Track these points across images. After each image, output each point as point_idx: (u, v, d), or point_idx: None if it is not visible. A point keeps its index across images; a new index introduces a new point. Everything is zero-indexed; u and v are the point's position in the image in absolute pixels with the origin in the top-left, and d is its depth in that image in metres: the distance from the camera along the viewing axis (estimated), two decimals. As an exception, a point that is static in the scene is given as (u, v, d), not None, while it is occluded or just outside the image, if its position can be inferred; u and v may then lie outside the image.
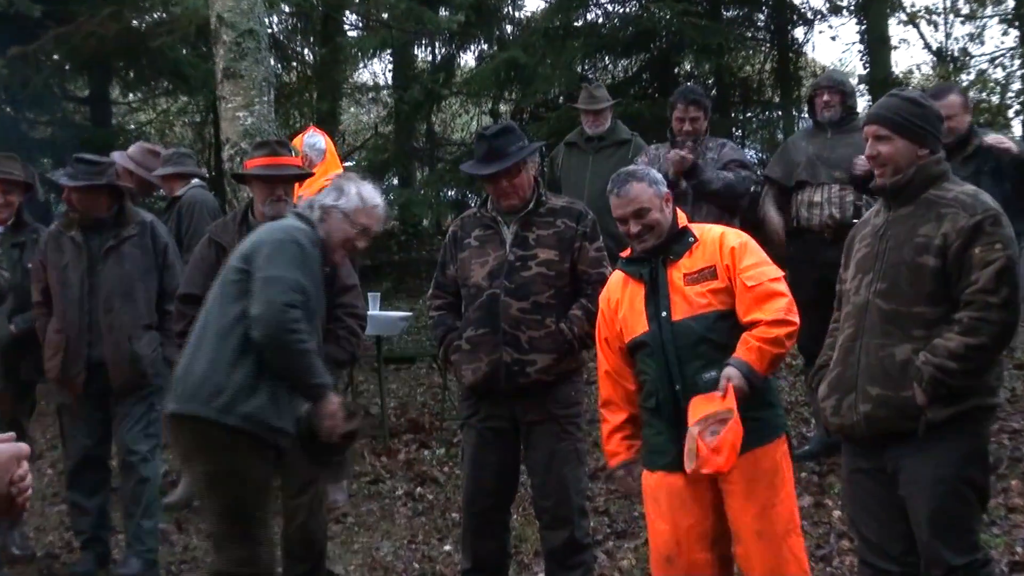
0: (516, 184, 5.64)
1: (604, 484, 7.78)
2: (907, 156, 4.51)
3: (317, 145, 8.08)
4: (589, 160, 9.24)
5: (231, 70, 8.46)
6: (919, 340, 4.35)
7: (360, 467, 8.62)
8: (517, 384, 5.56)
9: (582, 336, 5.58)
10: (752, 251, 4.87)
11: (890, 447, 4.44)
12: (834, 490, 7.15)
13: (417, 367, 12.56)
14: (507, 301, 5.57)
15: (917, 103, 4.57)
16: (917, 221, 4.44)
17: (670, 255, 4.93)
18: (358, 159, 19.57)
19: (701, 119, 7.76)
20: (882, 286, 4.46)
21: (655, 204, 4.97)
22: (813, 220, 7.59)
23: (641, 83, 17.35)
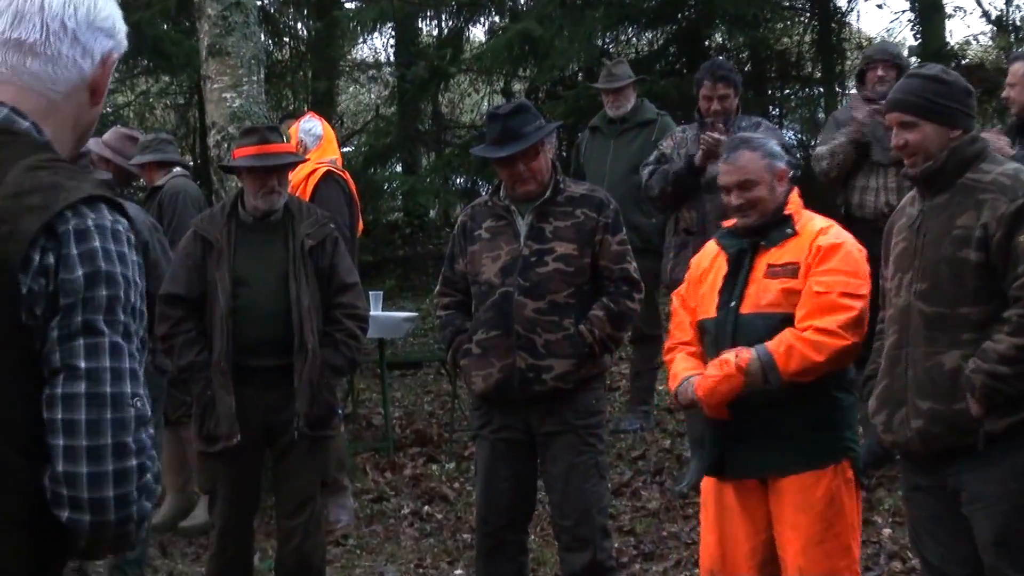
0: (534, 168, 5.63)
1: (629, 501, 7.78)
2: (938, 140, 4.46)
3: (313, 131, 8.09)
4: (610, 145, 9.25)
5: (217, 47, 8.46)
6: (968, 345, 4.30)
7: (362, 484, 8.63)
8: (532, 392, 5.56)
9: (603, 339, 5.58)
10: (841, 257, 4.82)
11: (949, 463, 4.41)
12: (883, 506, 7.14)
13: (424, 373, 12.55)
14: (521, 300, 5.57)
15: (940, 80, 4.52)
16: (954, 210, 4.39)
17: (763, 241, 4.94)
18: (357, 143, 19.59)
19: (731, 97, 7.73)
20: (922, 286, 4.42)
21: (764, 179, 4.96)
22: (867, 207, 7.56)
23: (668, 58, 17.30)
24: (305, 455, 5.98)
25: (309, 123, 8.13)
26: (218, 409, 5.88)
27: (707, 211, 7.54)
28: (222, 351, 5.88)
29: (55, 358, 2.25)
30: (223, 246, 5.99)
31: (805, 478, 4.77)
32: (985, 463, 4.31)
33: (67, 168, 2.36)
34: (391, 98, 20.42)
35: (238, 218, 6.10)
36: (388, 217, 19.29)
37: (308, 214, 6.16)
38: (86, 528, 2.27)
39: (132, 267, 2.35)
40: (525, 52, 16.22)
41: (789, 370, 4.68)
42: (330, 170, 7.78)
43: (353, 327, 6.07)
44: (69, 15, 2.43)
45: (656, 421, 9.47)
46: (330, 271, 6.03)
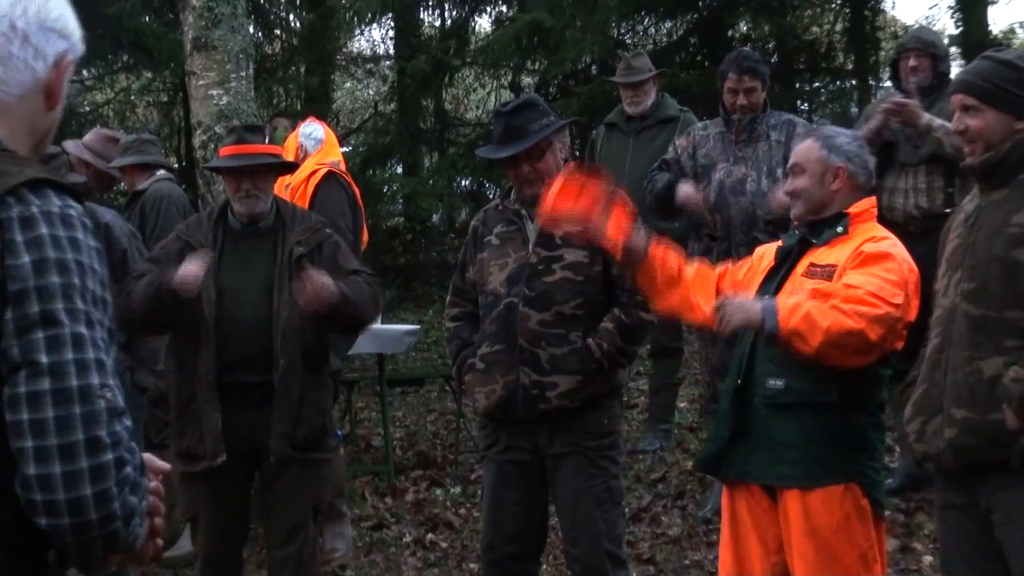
0: (540, 169, 5.63)
1: (648, 527, 7.78)
2: (1001, 130, 4.42)
3: (314, 135, 8.11)
4: (630, 143, 9.26)
5: (202, 40, 8.49)
6: (1013, 352, 4.26)
7: (361, 510, 8.64)
8: (537, 411, 5.56)
9: (613, 354, 5.58)
10: (883, 265, 4.78)
11: (982, 480, 4.37)
12: (924, 531, 7.13)
13: (427, 390, 12.56)
14: (525, 312, 5.58)
15: (1013, 66, 4.48)
16: (1012, 207, 4.36)
17: (813, 238, 4.98)
18: (355, 143, 19.62)
19: (758, 90, 7.71)
20: (969, 286, 4.39)
21: (814, 170, 4.99)
22: (896, 210, 7.56)
23: (689, 49, 17.34)
24: (295, 479, 5.95)
25: (310, 127, 8.16)
26: (203, 426, 5.88)
27: (732, 215, 7.54)
28: (208, 365, 5.89)
29: (14, 353, 2.27)
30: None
31: (810, 499, 4.78)
32: (1020, 481, 4.27)
33: (13, 156, 2.39)
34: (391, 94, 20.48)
35: (226, 224, 6.11)
36: (388, 222, 19.32)
37: (301, 220, 6.16)
38: (67, 532, 2.28)
39: (87, 252, 2.37)
40: (534, 44, 16.27)
41: (789, 325, 4.65)
42: (331, 171, 7.80)
43: (366, 278, 6.08)
44: (19, 15, 2.46)
45: (677, 441, 9.47)
46: (332, 271, 6.00)
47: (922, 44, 7.88)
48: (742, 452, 4.92)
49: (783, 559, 4.90)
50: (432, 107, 20.19)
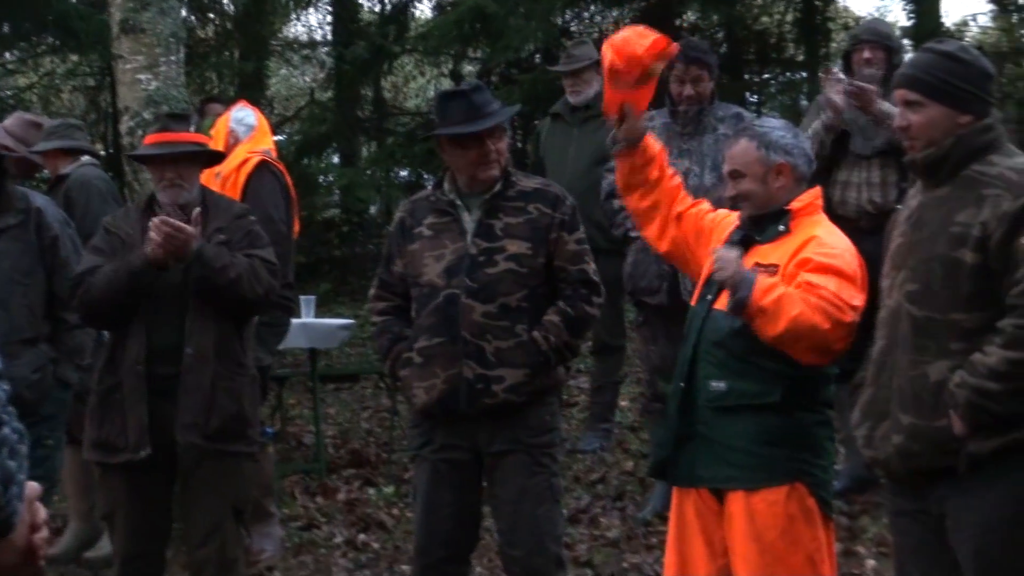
0: (500, 150, 5.69)
1: (587, 529, 7.80)
2: (944, 125, 4.43)
3: (245, 120, 8.05)
4: (573, 134, 9.27)
5: (131, 23, 8.43)
6: (957, 355, 4.28)
7: (290, 510, 8.62)
8: (481, 405, 5.57)
9: (560, 347, 5.60)
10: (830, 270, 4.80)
11: (933, 486, 4.40)
12: (867, 535, 7.19)
13: (361, 387, 12.54)
14: (469, 304, 5.58)
15: (955, 58, 4.49)
16: (954, 205, 4.36)
17: (758, 236, 5.01)
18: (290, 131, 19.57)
19: (705, 80, 7.72)
20: (913, 287, 4.40)
21: (755, 171, 5.01)
22: (848, 204, 7.62)
23: (636, 38, 17.37)
24: (212, 475, 5.91)
25: (241, 112, 8.10)
26: (128, 417, 5.86)
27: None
28: (138, 354, 5.87)
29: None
30: (135, 243, 5.97)
31: (754, 500, 4.82)
32: (969, 488, 4.30)
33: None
34: (327, 81, 20.44)
35: (154, 214, 6.09)
36: (323, 213, 19.30)
37: (226, 208, 6.15)
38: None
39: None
40: (476, 31, 16.27)
41: (760, 302, 4.67)
42: (264, 160, 7.77)
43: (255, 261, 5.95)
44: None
45: (617, 441, 9.51)
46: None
47: (877, 36, 7.94)
48: (689, 456, 4.96)
49: (728, 562, 4.93)
50: (370, 95, 20.17)
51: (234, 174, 7.63)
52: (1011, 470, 4.28)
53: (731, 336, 4.87)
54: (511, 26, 15.37)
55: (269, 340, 7.42)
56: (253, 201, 7.21)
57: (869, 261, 5.09)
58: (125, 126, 8.49)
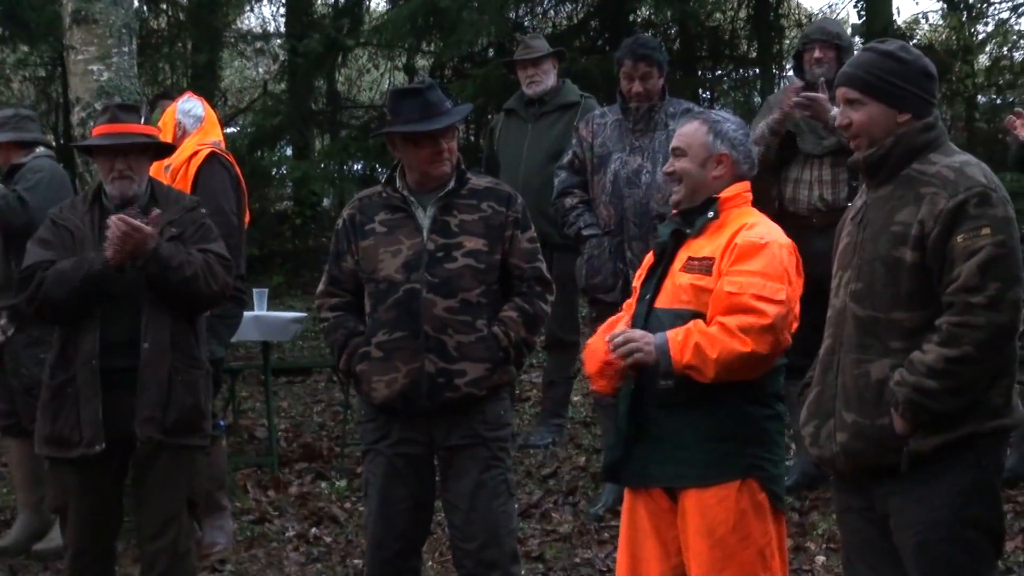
0: (452, 148, 5.72)
1: (538, 524, 7.80)
2: (884, 124, 4.45)
3: (193, 111, 8.00)
4: (528, 129, 9.25)
5: (82, 13, 8.38)
6: (898, 354, 4.30)
7: (242, 503, 8.59)
8: (442, 399, 5.57)
9: (518, 343, 5.63)
10: (760, 258, 4.83)
11: (877, 484, 4.42)
12: (817, 531, 7.21)
13: (314, 380, 12.52)
14: (430, 298, 5.58)
15: (895, 57, 4.50)
16: (895, 204, 4.39)
17: (687, 229, 5.01)
18: (243, 124, 19.50)
19: (654, 77, 7.72)
20: (857, 286, 4.42)
21: (697, 153, 5.02)
22: (799, 201, 7.63)
23: (589, 33, 17.43)
24: (168, 468, 5.89)
25: (189, 103, 8.04)
26: (81, 412, 5.82)
27: (625, 208, 7.57)
28: (90, 349, 5.83)
29: None
30: (85, 235, 5.94)
31: (705, 496, 4.83)
32: (911, 486, 4.32)
33: None
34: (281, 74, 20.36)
35: (103, 207, 6.05)
36: (276, 206, 19.25)
37: (175, 200, 6.11)
38: None
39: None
40: (430, 24, 16.27)
41: (681, 360, 4.73)
42: (214, 152, 7.73)
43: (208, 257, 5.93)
44: None
45: (570, 436, 9.51)
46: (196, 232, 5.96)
47: (827, 35, 7.96)
48: (641, 456, 4.96)
49: (682, 561, 4.93)
50: (324, 88, 20.12)
51: (184, 166, 7.58)
52: (951, 468, 4.30)
53: None
54: (464, 20, 15.37)
55: (222, 332, 7.40)
56: (204, 193, 7.17)
57: (821, 259, 5.10)
58: (76, 117, 8.45)
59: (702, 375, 4.75)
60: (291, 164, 17.73)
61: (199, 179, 7.53)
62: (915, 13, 27.99)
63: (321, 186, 17.35)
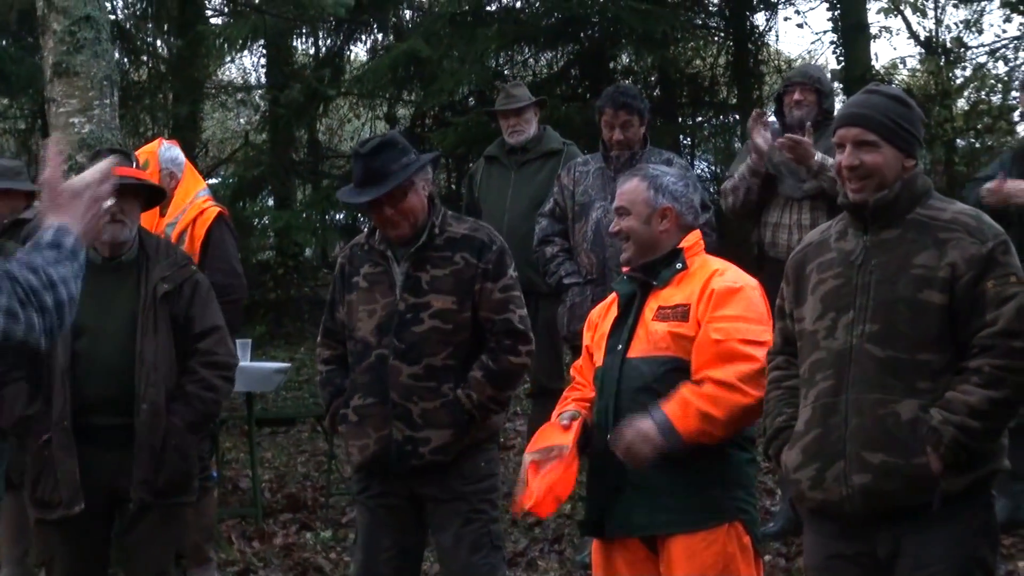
0: (403, 210, 5.63)
1: (525, 572, 7.78)
2: (895, 168, 4.51)
3: (178, 159, 8.00)
4: (511, 177, 9.25)
5: (64, 66, 8.39)
6: (925, 394, 4.33)
7: (227, 554, 8.55)
8: (409, 466, 5.58)
9: (484, 403, 5.60)
10: (738, 301, 4.90)
11: (886, 526, 4.41)
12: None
13: (298, 430, 12.49)
14: (397, 365, 5.58)
15: (904, 102, 4.59)
16: (909, 247, 4.43)
17: (653, 280, 5.02)
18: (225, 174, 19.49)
19: (635, 126, 7.76)
20: (873, 328, 4.42)
21: (640, 211, 5.08)
22: (779, 245, 7.65)
23: (569, 81, 17.46)
24: (156, 524, 5.89)
25: (171, 151, 8.02)
26: (58, 473, 5.79)
27: (607, 257, 7.58)
28: (63, 409, 5.80)
29: None
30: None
31: (694, 542, 4.83)
32: (934, 525, 4.33)
33: None
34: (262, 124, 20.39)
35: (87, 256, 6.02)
36: (258, 256, 19.21)
37: (166, 254, 6.09)
38: None
39: None
40: (411, 74, 16.31)
41: (689, 430, 4.75)
42: (221, 213, 7.73)
43: (211, 377, 5.98)
44: None
45: (556, 483, 9.47)
46: (187, 319, 5.96)
47: (808, 79, 8.00)
48: (624, 507, 4.95)
49: None
50: (305, 138, 20.14)
51: (190, 225, 7.57)
52: (970, 507, 4.37)
53: (657, 379, 4.90)
54: (445, 69, 15.40)
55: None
56: (219, 256, 7.24)
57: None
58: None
59: (712, 437, 4.80)
60: (273, 214, 17.70)
61: (211, 240, 7.53)
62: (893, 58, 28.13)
63: (303, 236, 17.33)
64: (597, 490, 5.03)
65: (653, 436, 4.76)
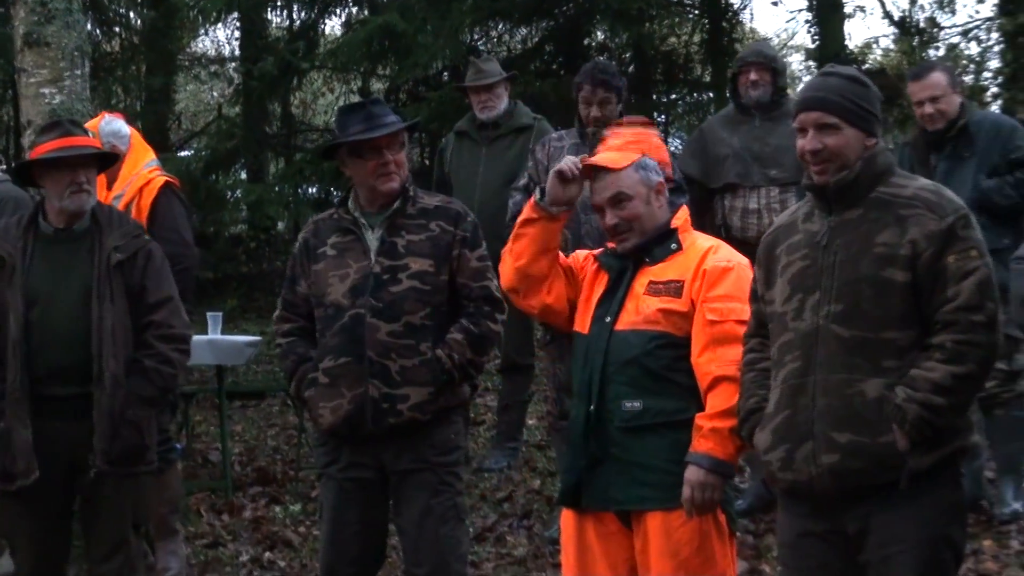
0: (399, 161, 5.70)
1: (493, 547, 7.79)
2: (856, 148, 4.50)
3: (121, 131, 7.90)
4: (482, 152, 9.24)
5: (34, 36, 8.34)
6: (891, 372, 4.34)
7: (196, 527, 8.55)
8: (387, 425, 5.55)
9: (463, 365, 5.61)
10: (732, 281, 4.90)
11: (855, 504, 4.41)
12: (771, 554, 7.21)
13: (268, 404, 12.48)
14: (374, 323, 5.57)
15: (861, 82, 4.59)
16: (871, 226, 4.43)
17: (646, 258, 5.01)
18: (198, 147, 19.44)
19: (612, 103, 7.73)
20: (837, 308, 4.42)
21: (639, 193, 5.01)
22: (749, 231, 7.66)
23: (544, 57, 17.42)
24: (113, 494, 5.90)
25: (115, 124, 7.89)
26: (14, 443, 5.79)
27: (582, 234, 7.56)
28: (16, 379, 5.79)
29: None
30: (16, 262, 5.88)
31: (670, 518, 4.82)
32: (902, 502, 4.34)
33: None
34: (236, 97, 20.32)
35: (38, 230, 6.00)
36: (231, 230, 19.17)
37: (119, 224, 6.07)
38: None
39: None
40: (385, 48, 16.24)
41: (731, 450, 4.77)
42: (168, 181, 7.68)
43: (167, 351, 5.97)
44: None
45: (524, 459, 9.50)
46: (140, 288, 5.95)
47: (763, 58, 8.02)
48: (602, 480, 4.93)
49: None
50: (279, 111, 20.09)
51: (136, 195, 7.51)
52: (939, 485, 4.38)
53: (646, 353, 4.88)
54: (419, 44, 15.36)
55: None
56: (165, 225, 7.19)
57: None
58: (28, 140, 8.40)
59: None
60: (246, 188, 17.65)
61: (157, 210, 7.47)
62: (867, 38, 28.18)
63: (276, 209, 17.28)
64: (575, 461, 5.01)
65: (711, 480, 4.74)
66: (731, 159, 7.79)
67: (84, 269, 5.90)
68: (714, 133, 8.07)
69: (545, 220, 5.07)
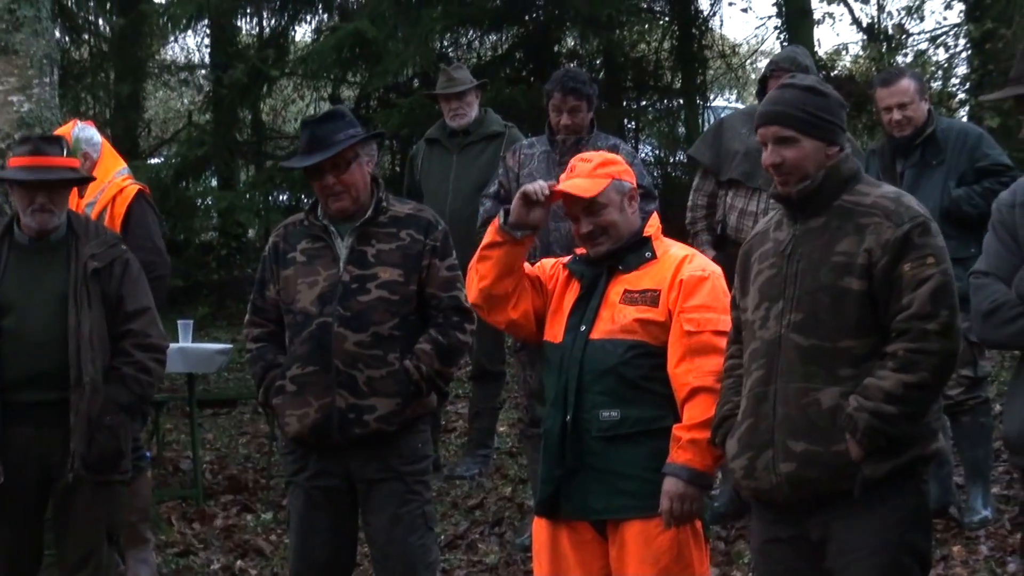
0: (346, 181, 5.65)
1: (464, 555, 7.79)
2: (815, 159, 4.52)
3: (93, 139, 7.87)
4: (453, 160, 9.25)
5: (2, 44, 8.32)
6: (847, 381, 4.36)
7: (167, 536, 8.53)
8: (353, 435, 5.55)
9: (431, 376, 5.61)
10: (708, 291, 4.90)
11: (816, 511, 4.44)
12: (743, 559, 7.24)
13: (239, 412, 12.45)
14: (341, 333, 5.56)
15: (819, 92, 4.60)
16: (832, 235, 4.45)
17: (620, 265, 5.00)
18: (168, 154, 19.38)
19: (582, 111, 7.73)
20: (797, 317, 4.45)
21: (613, 201, 5.00)
22: (743, 232, 7.67)
23: (514, 64, 17.43)
24: (87, 501, 5.90)
25: (86, 131, 7.87)
26: None
27: (551, 241, 7.55)
28: None
29: None
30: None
31: (649, 527, 4.82)
32: (860, 510, 4.36)
33: None
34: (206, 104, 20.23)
35: (13, 239, 5.99)
36: (201, 237, 19.10)
37: (95, 233, 6.06)
38: None
39: None
40: (356, 55, 16.24)
41: (708, 461, 4.78)
42: (140, 190, 7.66)
43: (145, 360, 5.97)
44: None
45: (496, 466, 9.49)
46: (118, 298, 5.93)
47: (795, 65, 8.01)
48: (580, 489, 4.93)
49: None
50: (249, 118, 20.01)
51: (109, 204, 7.48)
52: (898, 493, 4.39)
53: (622, 363, 4.88)
54: (390, 50, 15.35)
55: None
56: (139, 233, 7.15)
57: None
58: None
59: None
60: (216, 195, 17.62)
61: (131, 218, 7.45)
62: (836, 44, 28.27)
63: (247, 217, 17.27)
64: (552, 471, 4.99)
65: (690, 492, 4.75)
66: (741, 156, 7.78)
67: (60, 277, 5.90)
68: (733, 127, 8.05)
69: (509, 244, 5.04)
